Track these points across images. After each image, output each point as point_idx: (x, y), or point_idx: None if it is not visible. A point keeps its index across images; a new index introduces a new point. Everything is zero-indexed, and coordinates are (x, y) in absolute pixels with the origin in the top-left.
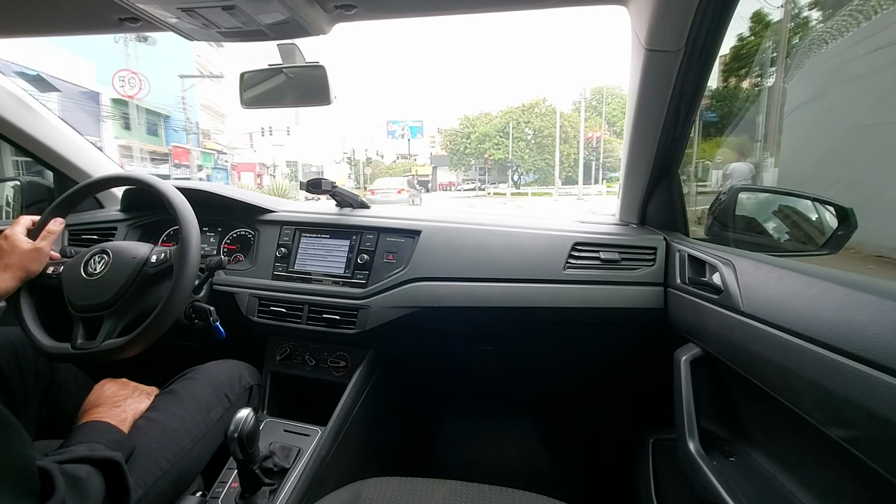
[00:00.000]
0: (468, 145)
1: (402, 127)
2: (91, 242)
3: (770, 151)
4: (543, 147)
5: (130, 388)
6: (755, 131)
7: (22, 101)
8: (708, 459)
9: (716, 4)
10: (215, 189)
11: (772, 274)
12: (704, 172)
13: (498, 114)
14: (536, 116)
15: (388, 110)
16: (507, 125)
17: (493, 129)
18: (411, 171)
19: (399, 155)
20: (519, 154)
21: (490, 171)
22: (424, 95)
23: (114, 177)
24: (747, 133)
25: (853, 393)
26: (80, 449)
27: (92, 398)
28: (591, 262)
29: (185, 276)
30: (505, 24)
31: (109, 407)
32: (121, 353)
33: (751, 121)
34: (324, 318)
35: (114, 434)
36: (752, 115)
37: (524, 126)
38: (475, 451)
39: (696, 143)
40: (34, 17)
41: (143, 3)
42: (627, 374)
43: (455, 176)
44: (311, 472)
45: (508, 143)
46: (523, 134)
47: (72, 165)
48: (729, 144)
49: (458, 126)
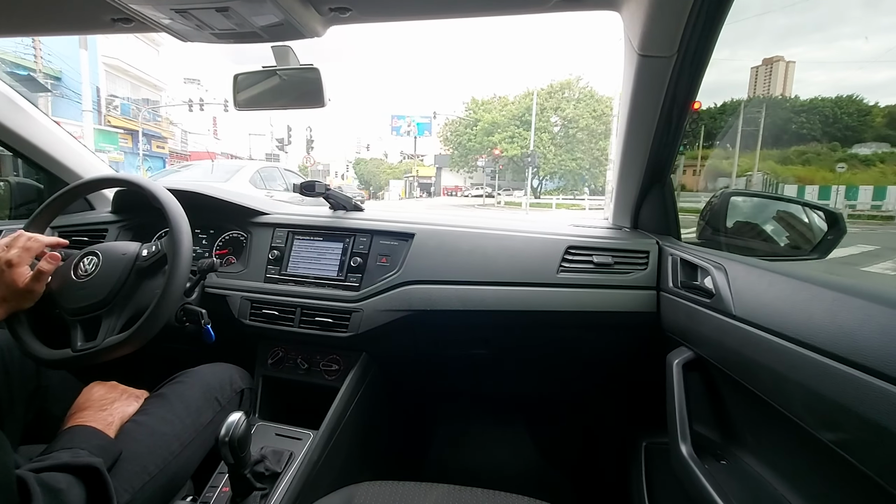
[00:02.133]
0: (472, 136)
1: (409, 123)
2: (81, 244)
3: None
4: (575, 143)
5: (119, 392)
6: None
7: (12, 101)
8: (700, 463)
9: (708, 10)
10: (207, 191)
11: (763, 278)
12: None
13: (515, 99)
14: (567, 101)
15: (396, 105)
16: (527, 112)
17: (506, 117)
18: (412, 172)
19: (405, 154)
20: (541, 151)
21: (503, 173)
22: (436, 88)
23: (104, 178)
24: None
25: (843, 396)
26: (62, 455)
27: (80, 401)
28: (585, 266)
29: (180, 262)
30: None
31: (96, 411)
32: (124, 349)
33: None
34: (316, 321)
35: (99, 439)
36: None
37: (549, 113)
38: (468, 455)
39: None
40: (26, 16)
41: (136, 4)
42: (620, 377)
43: (463, 179)
44: (302, 476)
45: (528, 135)
46: (548, 124)
47: (62, 166)
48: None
49: (463, 112)
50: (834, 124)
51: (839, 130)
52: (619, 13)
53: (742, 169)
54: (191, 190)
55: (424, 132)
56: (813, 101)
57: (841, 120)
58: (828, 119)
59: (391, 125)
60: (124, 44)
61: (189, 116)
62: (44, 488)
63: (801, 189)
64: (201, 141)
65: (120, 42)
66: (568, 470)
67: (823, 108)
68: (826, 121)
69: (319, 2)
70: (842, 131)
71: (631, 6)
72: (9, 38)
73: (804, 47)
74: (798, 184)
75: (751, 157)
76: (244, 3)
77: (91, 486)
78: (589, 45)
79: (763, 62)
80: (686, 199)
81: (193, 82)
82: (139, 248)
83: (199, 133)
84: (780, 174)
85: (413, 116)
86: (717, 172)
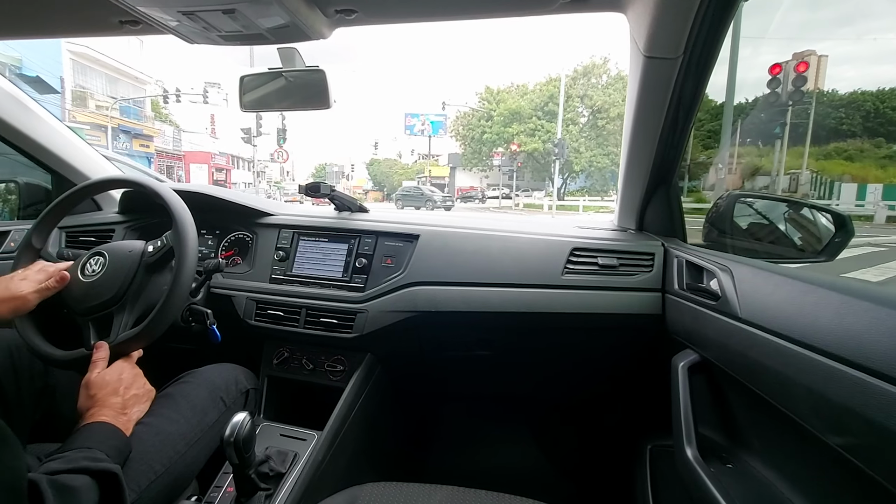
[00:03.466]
0: (487, 129)
1: (423, 122)
2: (89, 244)
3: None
4: (606, 135)
5: (140, 384)
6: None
7: (21, 103)
8: (705, 466)
9: (714, 12)
10: (213, 191)
11: (769, 280)
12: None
13: (535, 87)
14: (594, 88)
15: (409, 102)
16: (550, 100)
17: (526, 107)
18: (424, 172)
19: (420, 154)
20: (572, 146)
21: (521, 172)
22: (447, 80)
23: (111, 179)
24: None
25: (851, 400)
26: (80, 458)
27: (108, 382)
28: (590, 268)
29: (187, 251)
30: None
31: (118, 412)
32: (139, 343)
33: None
34: (321, 321)
35: (116, 440)
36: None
37: (576, 102)
38: (472, 456)
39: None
40: (36, 18)
41: (143, 7)
42: (625, 379)
43: (478, 180)
44: (307, 476)
45: (550, 127)
46: (575, 114)
47: (70, 167)
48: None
49: (477, 102)
50: (876, 119)
51: (881, 125)
52: (625, 14)
53: (786, 167)
54: (197, 191)
55: (439, 130)
56: (853, 96)
57: (884, 114)
58: (869, 114)
59: (405, 124)
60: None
61: (185, 114)
62: (56, 489)
63: (861, 189)
64: (197, 140)
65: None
66: (572, 472)
67: (864, 103)
68: (867, 116)
69: (325, 4)
70: (885, 126)
71: (637, 8)
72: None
73: (830, 42)
74: (855, 182)
75: (791, 154)
76: (250, 5)
77: (106, 491)
78: (613, 23)
79: (793, 57)
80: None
81: (214, 86)
82: (144, 245)
83: (195, 132)
84: (827, 171)
85: (427, 114)
86: (755, 171)
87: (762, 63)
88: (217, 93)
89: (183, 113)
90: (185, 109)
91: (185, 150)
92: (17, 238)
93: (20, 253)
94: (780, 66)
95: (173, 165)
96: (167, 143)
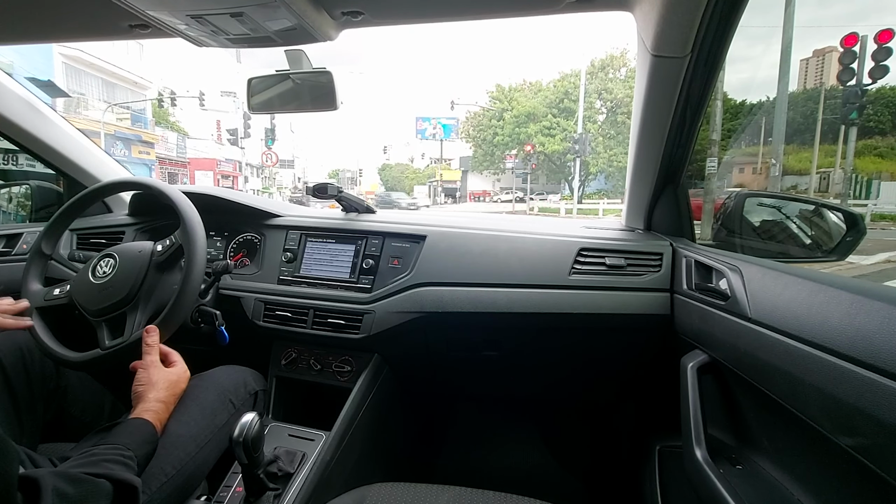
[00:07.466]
0: (499, 130)
1: (434, 125)
2: (99, 246)
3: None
4: (627, 131)
5: (184, 384)
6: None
7: (33, 107)
8: (715, 467)
9: (722, 10)
10: (222, 193)
11: (779, 280)
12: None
13: (549, 84)
14: (612, 81)
15: (420, 106)
16: (566, 97)
17: (540, 106)
18: (436, 177)
19: (432, 158)
20: (591, 143)
21: (535, 175)
22: (457, 80)
23: (121, 181)
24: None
25: (861, 401)
26: (110, 457)
27: (170, 377)
28: (597, 268)
29: (196, 248)
30: None
31: (160, 413)
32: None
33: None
34: (329, 322)
35: (150, 446)
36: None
37: (593, 98)
38: (480, 456)
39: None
40: (47, 23)
41: (152, 11)
42: (633, 380)
43: (491, 183)
44: (315, 476)
45: (568, 125)
46: (593, 111)
47: (81, 170)
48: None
49: (488, 101)
50: None
51: None
52: (633, 13)
53: (816, 165)
54: (204, 192)
55: (451, 134)
56: (881, 91)
57: None
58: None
59: (416, 128)
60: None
61: (192, 120)
62: (58, 497)
63: None
64: (202, 146)
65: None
66: (580, 473)
67: (894, 98)
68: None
69: (332, 6)
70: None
71: (644, 6)
72: (28, 44)
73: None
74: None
75: (818, 152)
76: (258, 8)
77: (122, 500)
78: (625, 21)
79: (813, 54)
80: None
81: (230, 95)
82: (153, 244)
83: (200, 138)
84: (862, 170)
85: (439, 118)
86: (784, 170)
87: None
88: (233, 101)
89: (189, 119)
90: (191, 115)
91: (189, 156)
92: (29, 240)
93: (31, 258)
94: (855, 35)
95: (176, 173)
96: (171, 150)
